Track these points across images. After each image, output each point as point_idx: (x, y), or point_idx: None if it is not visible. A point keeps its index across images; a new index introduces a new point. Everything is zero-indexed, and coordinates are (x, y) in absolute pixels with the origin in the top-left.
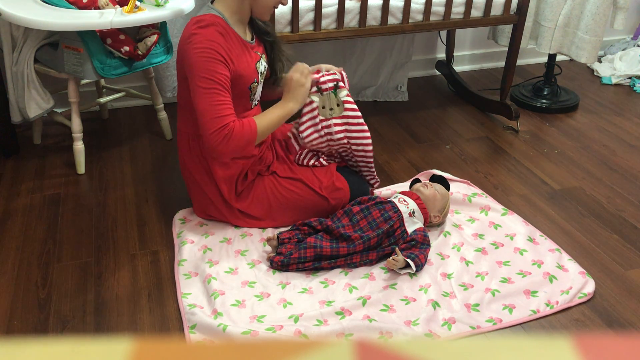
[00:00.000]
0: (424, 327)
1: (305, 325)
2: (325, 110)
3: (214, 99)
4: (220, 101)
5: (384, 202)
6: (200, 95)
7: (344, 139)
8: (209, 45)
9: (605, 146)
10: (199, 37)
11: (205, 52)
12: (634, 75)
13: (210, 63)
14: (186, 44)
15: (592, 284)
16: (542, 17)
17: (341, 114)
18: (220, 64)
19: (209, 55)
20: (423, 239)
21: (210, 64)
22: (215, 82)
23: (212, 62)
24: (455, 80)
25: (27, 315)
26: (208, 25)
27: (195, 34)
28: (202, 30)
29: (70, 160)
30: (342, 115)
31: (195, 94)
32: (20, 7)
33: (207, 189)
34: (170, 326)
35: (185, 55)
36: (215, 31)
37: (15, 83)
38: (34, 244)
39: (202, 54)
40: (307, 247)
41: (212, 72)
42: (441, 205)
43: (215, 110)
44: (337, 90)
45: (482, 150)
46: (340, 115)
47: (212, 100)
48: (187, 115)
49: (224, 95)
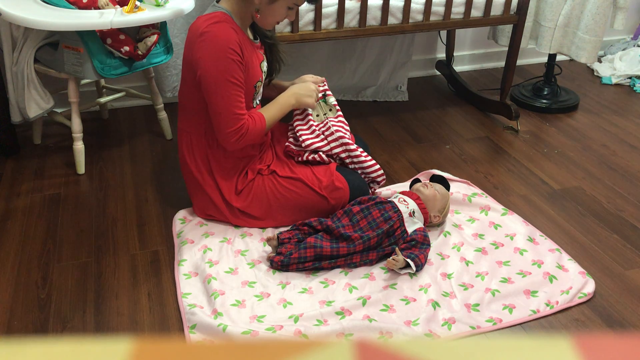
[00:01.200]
0: (424, 327)
1: (305, 325)
2: (320, 117)
3: (231, 100)
4: (238, 102)
5: (384, 202)
6: (217, 95)
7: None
8: (224, 43)
9: (605, 146)
10: (211, 35)
11: (221, 52)
12: (634, 75)
13: (226, 63)
14: (198, 42)
15: (592, 284)
16: (542, 17)
17: (335, 115)
18: (236, 64)
19: (224, 55)
20: (423, 239)
21: (226, 63)
22: (231, 83)
23: (228, 61)
24: (455, 80)
25: (27, 315)
26: (220, 21)
27: (208, 32)
28: (214, 27)
29: (70, 160)
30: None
31: (211, 94)
32: (20, 7)
33: (207, 188)
34: (170, 326)
35: (197, 54)
36: (229, 27)
37: (15, 83)
38: (34, 244)
39: (217, 53)
40: (307, 247)
41: (229, 72)
42: (441, 205)
43: (232, 110)
44: (326, 98)
45: (482, 150)
46: (335, 115)
47: (229, 101)
48: (188, 114)
49: (241, 95)
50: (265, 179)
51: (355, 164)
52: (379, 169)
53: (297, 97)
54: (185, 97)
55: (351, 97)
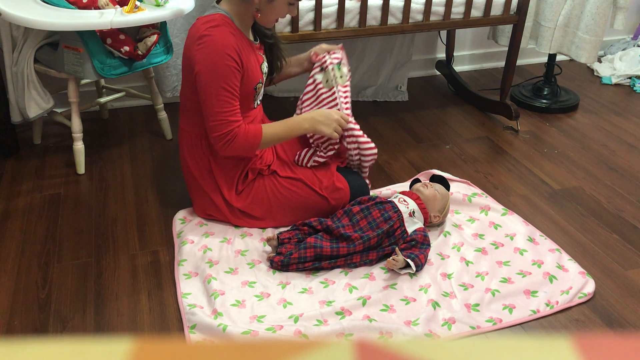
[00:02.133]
0: (424, 327)
1: (305, 325)
2: (329, 83)
3: (223, 106)
4: (229, 108)
5: (384, 202)
6: (209, 99)
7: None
8: (222, 49)
9: (605, 146)
10: (211, 39)
11: (218, 57)
12: (634, 75)
13: (222, 69)
14: (197, 44)
15: (592, 284)
16: (542, 17)
17: (345, 83)
18: (232, 70)
19: (221, 61)
20: (423, 239)
21: (222, 69)
22: (225, 90)
23: (224, 67)
24: (455, 80)
25: (27, 315)
26: (219, 25)
27: (207, 35)
28: (213, 30)
29: (70, 160)
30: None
31: (205, 96)
32: (20, 7)
33: (207, 188)
34: (170, 326)
35: (195, 57)
36: (227, 32)
37: (15, 83)
38: (34, 244)
39: (214, 58)
40: (307, 247)
41: (224, 79)
42: (441, 205)
43: (222, 115)
44: (340, 66)
45: (482, 150)
46: (344, 84)
47: (221, 106)
48: (190, 114)
49: (233, 103)
50: (265, 179)
51: (350, 137)
52: (374, 147)
53: (313, 123)
54: (186, 98)
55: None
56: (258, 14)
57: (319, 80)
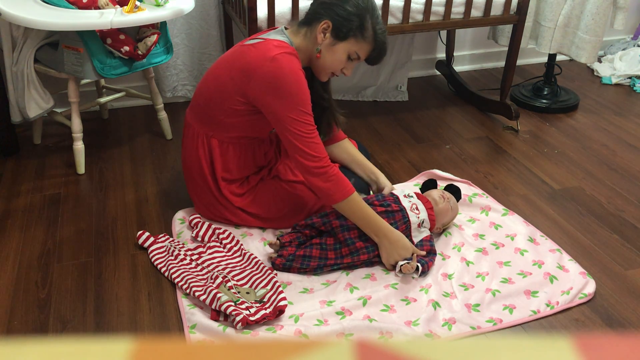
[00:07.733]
0: (424, 327)
1: (305, 325)
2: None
3: (310, 137)
4: (315, 139)
5: (395, 210)
6: (293, 126)
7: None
8: (299, 73)
9: (605, 146)
10: (286, 62)
11: (299, 81)
12: (634, 75)
13: (303, 92)
14: (269, 61)
15: (592, 285)
16: (542, 17)
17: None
18: (307, 93)
19: (301, 85)
20: (430, 249)
21: (303, 93)
22: (307, 115)
23: (304, 92)
24: (455, 80)
25: (27, 315)
26: (292, 54)
27: (281, 56)
28: (287, 57)
29: (70, 160)
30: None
31: (287, 123)
32: (20, 7)
33: (208, 188)
34: (170, 326)
35: (268, 76)
36: (298, 61)
37: (15, 83)
38: (34, 244)
39: (294, 80)
40: (310, 260)
41: (305, 103)
42: (447, 220)
43: (312, 147)
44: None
45: (482, 150)
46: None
47: (307, 135)
48: (206, 118)
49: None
50: (267, 182)
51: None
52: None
53: (387, 244)
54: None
55: (351, 97)
56: (319, 54)
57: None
